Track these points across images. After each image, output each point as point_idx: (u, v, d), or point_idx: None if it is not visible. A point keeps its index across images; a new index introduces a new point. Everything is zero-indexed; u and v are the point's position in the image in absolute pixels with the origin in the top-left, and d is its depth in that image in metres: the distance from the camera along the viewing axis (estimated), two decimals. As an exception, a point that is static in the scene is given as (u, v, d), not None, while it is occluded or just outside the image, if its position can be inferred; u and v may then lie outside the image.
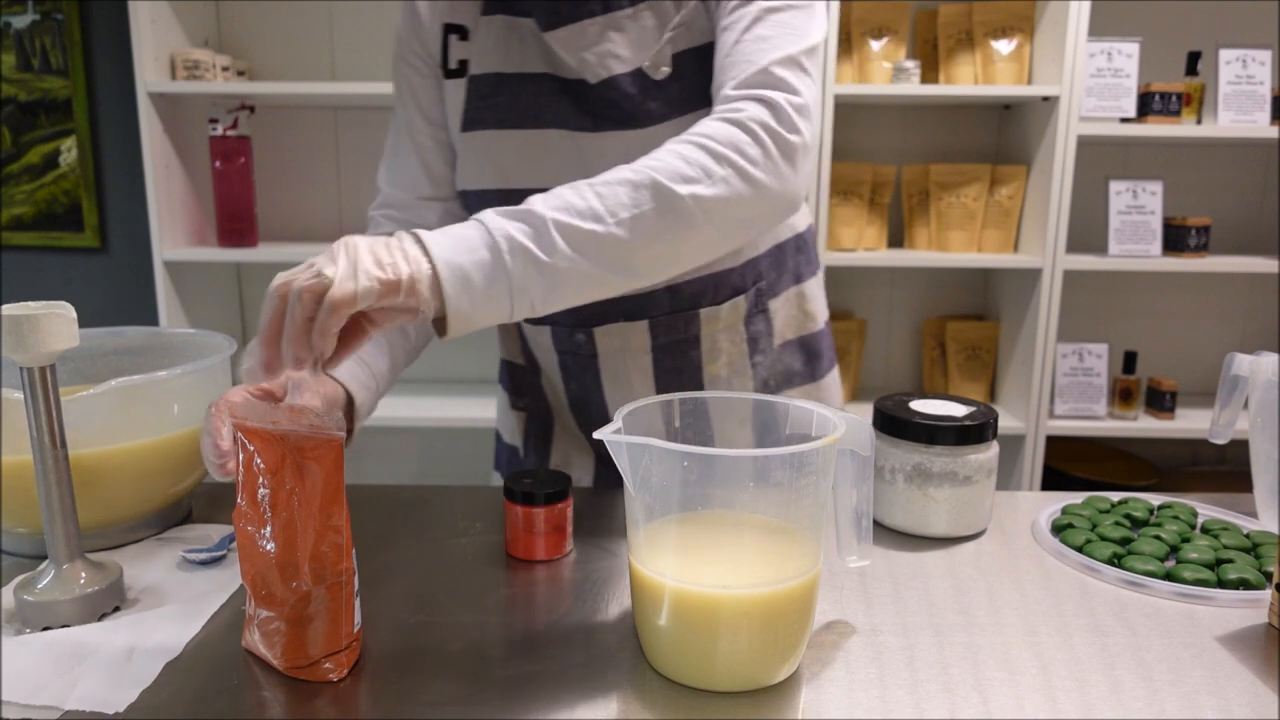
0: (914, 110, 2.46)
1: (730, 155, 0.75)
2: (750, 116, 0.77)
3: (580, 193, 0.70)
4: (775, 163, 0.77)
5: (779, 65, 0.79)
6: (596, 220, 0.69)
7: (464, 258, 0.65)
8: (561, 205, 0.69)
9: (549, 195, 0.70)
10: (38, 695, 0.61)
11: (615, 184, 0.71)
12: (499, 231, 0.67)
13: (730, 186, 0.75)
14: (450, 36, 0.94)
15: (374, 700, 0.62)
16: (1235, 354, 0.92)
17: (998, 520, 0.93)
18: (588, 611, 0.74)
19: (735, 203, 0.75)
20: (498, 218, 0.68)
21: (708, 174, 0.74)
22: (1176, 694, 0.63)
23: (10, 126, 2.45)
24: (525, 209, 0.69)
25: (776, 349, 1.02)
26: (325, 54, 2.42)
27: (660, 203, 0.72)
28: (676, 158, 0.74)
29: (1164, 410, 2.32)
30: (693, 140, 0.75)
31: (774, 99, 0.78)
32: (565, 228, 0.68)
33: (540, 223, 0.67)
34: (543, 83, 0.90)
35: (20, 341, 0.66)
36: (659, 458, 0.61)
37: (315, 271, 0.62)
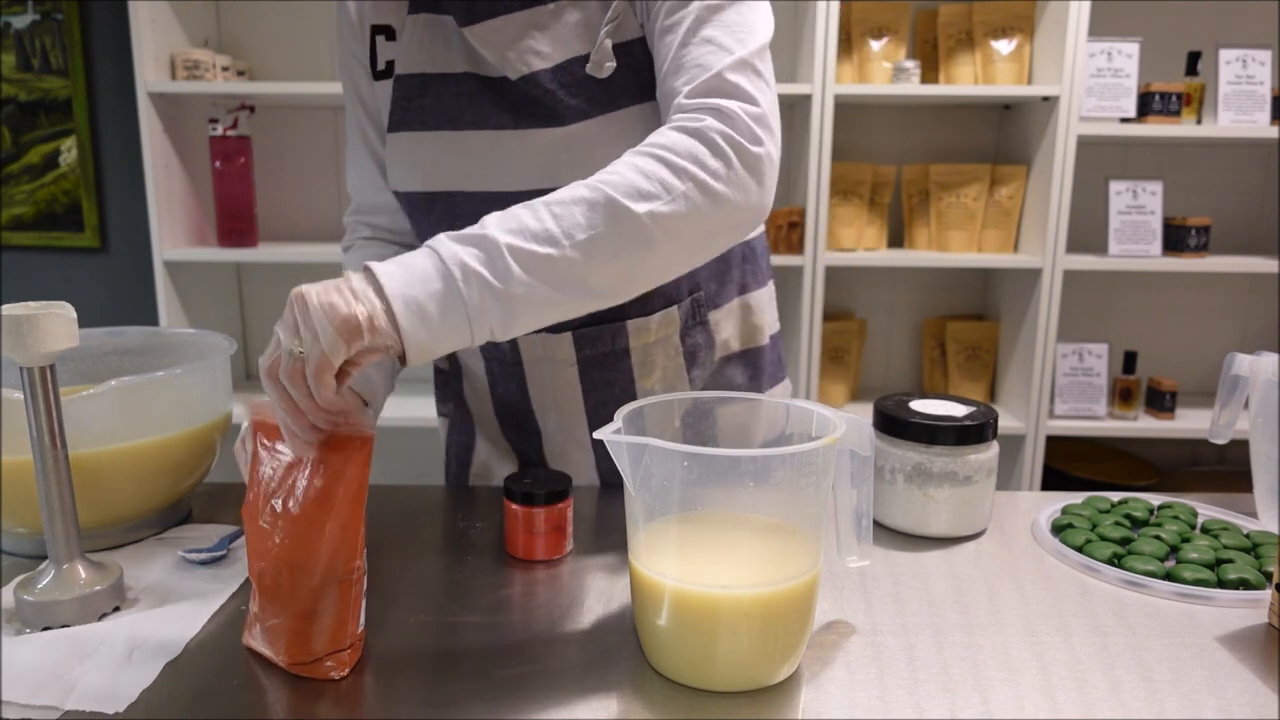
0: (914, 110, 2.46)
1: (690, 168, 0.72)
2: (709, 127, 0.74)
3: (536, 213, 0.69)
4: (738, 174, 0.74)
5: (732, 71, 0.76)
6: (551, 243, 0.68)
7: (418, 289, 0.64)
8: (516, 228, 0.67)
9: (504, 215, 0.69)
10: (38, 695, 0.61)
11: (571, 203, 0.69)
12: (452, 259, 0.65)
13: (690, 202, 0.72)
14: (377, 38, 0.94)
15: (374, 700, 0.62)
16: (1235, 354, 0.92)
17: (998, 520, 0.93)
18: (588, 611, 0.74)
19: (695, 218, 0.73)
20: (451, 244, 0.66)
21: (666, 189, 0.71)
22: (1176, 694, 0.63)
23: (10, 126, 2.45)
24: (479, 233, 0.67)
25: (718, 362, 0.99)
26: (325, 54, 2.42)
27: (616, 222, 0.69)
28: (634, 172, 0.71)
29: (1164, 410, 2.32)
30: (650, 153, 0.73)
31: (730, 109, 0.75)
32: (519, 252, 0.66)
33: (494, 248, 0.66)
34: (464, 82, 0.88)
35: (20, 341, 0.66)
36: (659, 458, 0.61)
37: (286, 352, 0.63)
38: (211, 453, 0.92)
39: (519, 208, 0.70)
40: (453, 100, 0.89)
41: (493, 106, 0.87)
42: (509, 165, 0.88)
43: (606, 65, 0.83)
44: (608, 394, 0.96)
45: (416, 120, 0.91)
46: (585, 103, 0.85)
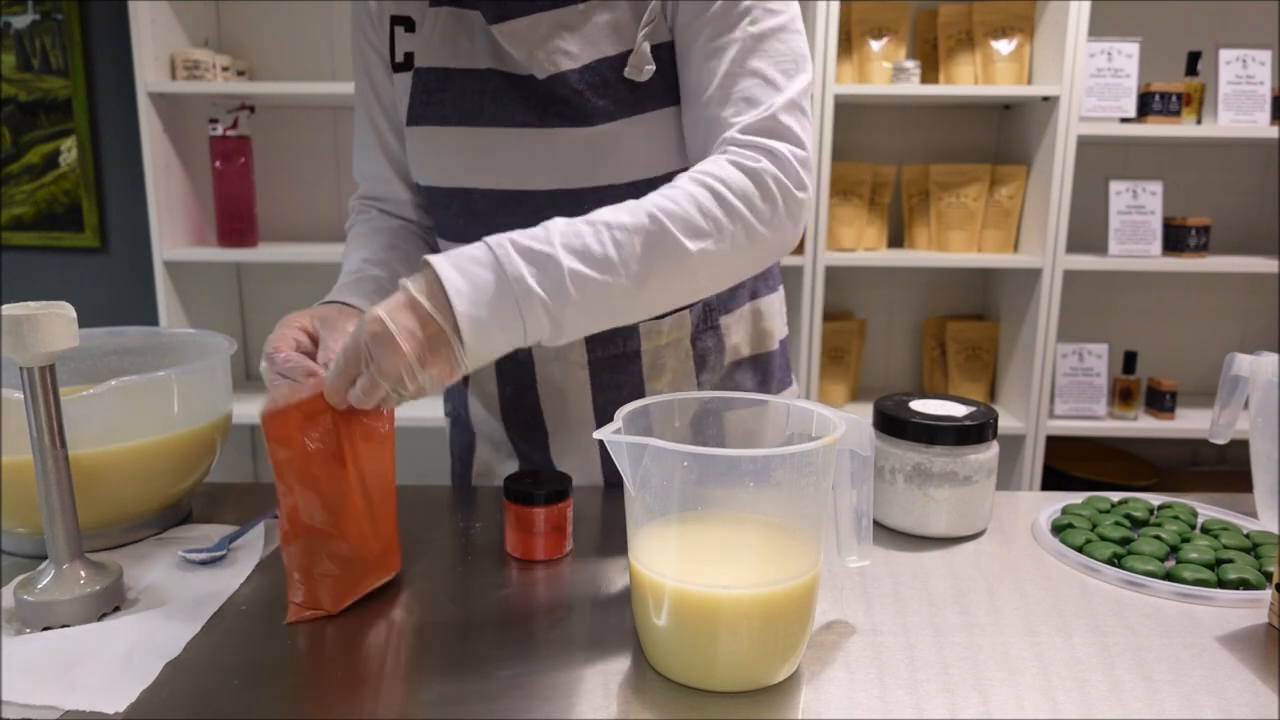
0: (914, 110, 2.46)
1: (742, 210, 0.76)
2: (764, 170, 0.78)
3: (599, 236, 0.71)
4: (781, 219, 0.79)
5: (784, 112, 0.80)
6: (610, 271, 0.71)
7: (483, 310, 0.67)
8: (579, 248, 0.70)
9: (570, 231, 0.71)
10: (38, 695, 0.61)
11: (632, 231, 0.72)
12: (515, 276, 0.68)
13: (735, 242, 0.77)
14: (396, 29, 0.94)
15: (374, 700, 0.62)
16: (1235, 354, 0.92)
17: (998, 520, 0.93)
18: (588, 611, 0.74)
19: (736, 256, 0.78)
20: (516, 257, 0.68)
21: (718, 229, 0.75)
22: (1176, 694, 0.63)
23: (10, 126, 2.45)
24: (545, 251, 0.69)
25: (727, 367, 1.00)
26: (325, 54, 2.42)
27: (670, 258, 0.73)
28: (693, 206, 0.75)
29: (1164, 410, 2.32)
30: (710, 186, 0.76)
31: (782, 153, 0.79)
32: (579, 276, 0.70)
33: (557, 270, 0.69)
34: (488, 79, 0.88)
35: (20, 341, 0.66)
36: (659, 458, 0.61)
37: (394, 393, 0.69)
38: (211, 453, 0.92)
39: (585, 224, 0.72)
40: (475, 96, 0.88)
41: (517, 104, 0.87)
42: (531, 164, 0.88)
43: (646, 69, 0.83)
44: (616, 395, 0.96)
45: (436, 115, 0.90)
46: (612, 104, 0.85)
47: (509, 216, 0.91)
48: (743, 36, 0.81)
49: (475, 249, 0.69)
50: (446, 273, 0.67)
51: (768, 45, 0.82)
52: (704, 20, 0.83)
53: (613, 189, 0.88)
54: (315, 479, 0.72)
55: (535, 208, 0.90)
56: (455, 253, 0.69)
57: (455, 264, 0.68)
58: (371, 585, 0.76)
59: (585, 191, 0.88)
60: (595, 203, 0.87)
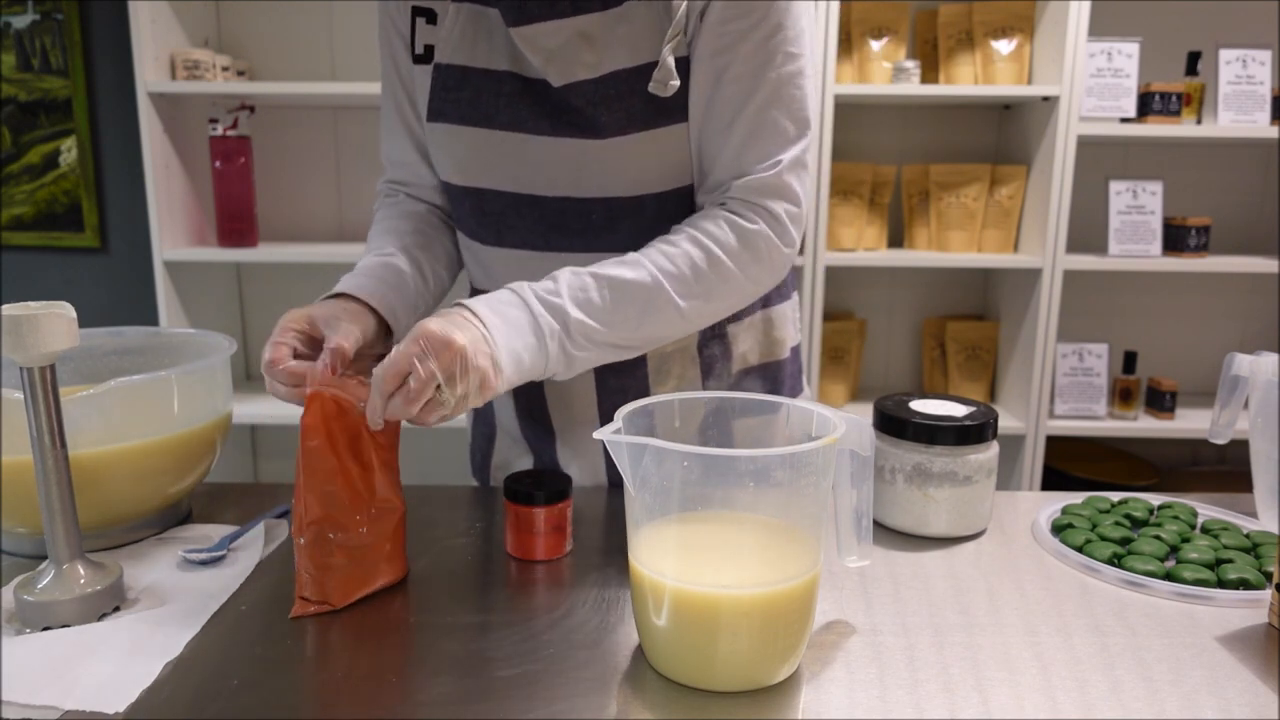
0: (914, 110, 2.46)
1: (735, 273, 0.85)
2: (759, 234, 0.86)
3: (601, 291, 0.81)
4: (767, 275, 0.89)
5: (789, 171, 0.87)
6: (609, 325, 0.81)
7: (518, 343, 0.77)
8: (584, 300, 0.80)
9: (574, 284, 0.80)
10: (38, 695, 0.61)
11: (631, 288, 0.82)
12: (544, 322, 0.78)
13: (725, 302, 0.87)
14: (418, 20, 0.93)
15: (374, 700, 0.62)
16: (1235, 354, 0.92)
17: (998, 520, 0.93)
18: (588, 611, 0.74)
19: (722, 308, 0.88)
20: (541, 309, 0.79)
21: (708, 290, 0.85)
22: (1176, 694, 0.63)
23: (10, 126, 2.45)
24: (559, 304, 0.79)
25: (735, 375, 1.00)
26: (325, 54, 2.42)
27: (664, 313, 0.83)
28: (689, 268, 0.83)
29: (1164, 410, 2.32)
30: (706, 249, 0.84)
31: (779, 214, 0.86)
32: (585, 326, 0.80)
33: (567, 320, 0.79)
34: (505, 81, 0.88)
35: (20, 341, 0.66)
36: (659, 457, 0.61)
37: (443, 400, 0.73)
38: (211, 453, 0.92)
39: (590, 276, 0.81)
40: (491, 99, 0.89)
41: (530, 110, 0.87)
42: (541, 170, 0.89)
43: (671, 84, 0.84)
44: (621, 400, 0.96)
45: (454, 113, 0.91)
46: (624, 117, 0.85)
47: (520, 219, 0.92)
48: (770, 79, 0.85)
49: (502, 292, 0.80)
50: (480, 308, 0.76)
51: (788, 93, 0.86)
52: (733, 52, 0.84)
53: (620, 200, 0.89)
54: (338, 471, 0.73)
55: (544, 212, 0.90)
56: (487, 297, 0.78)
57: (487, 304, 0.77)
58: (378, 585, 0.76)
59: (593, 201, 0.89)
60: (603, 212, 0.88)
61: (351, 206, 2.51)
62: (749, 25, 0.83)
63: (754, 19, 0.83)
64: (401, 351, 0.71)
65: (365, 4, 2.38)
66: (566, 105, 0.86)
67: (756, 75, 0.84)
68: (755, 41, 0.84)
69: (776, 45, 0.84)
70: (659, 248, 0.84)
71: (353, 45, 2.41)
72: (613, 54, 0.85)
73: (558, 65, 0.85)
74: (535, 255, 0.93)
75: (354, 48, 2.41)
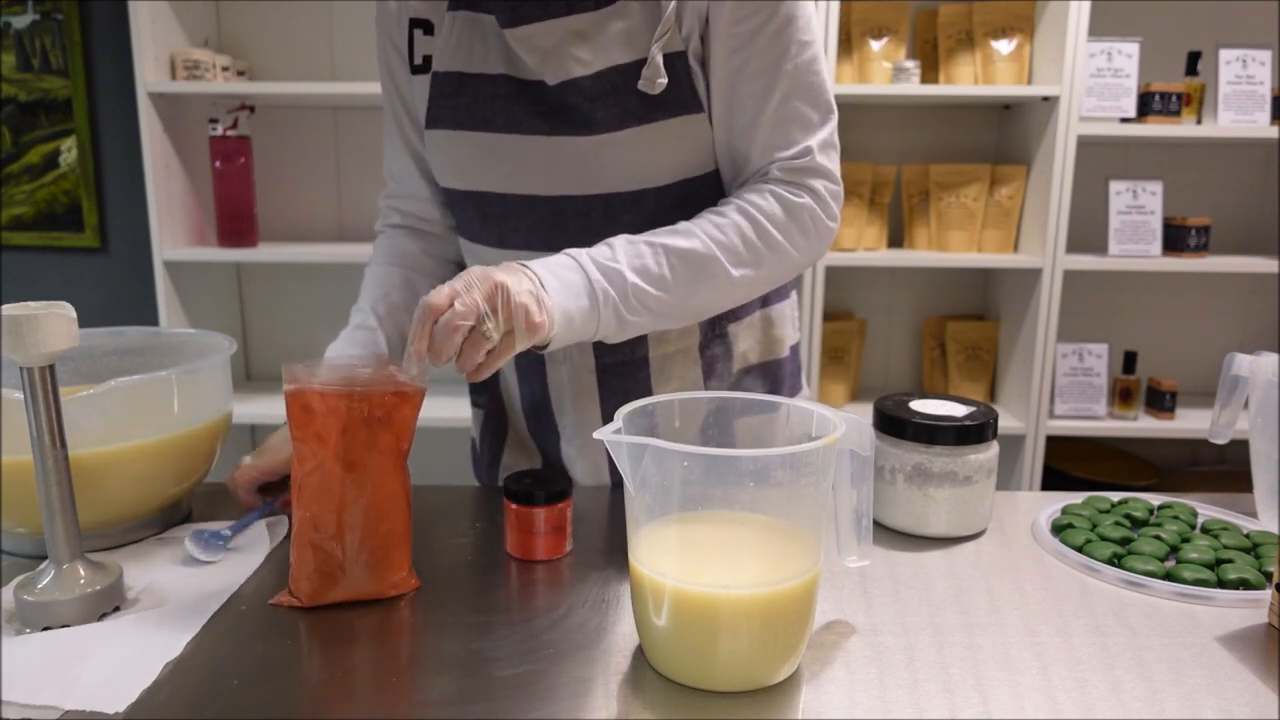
0: (914, 110, 2.45)
1: (783, 244, 0.87)
2: (804, 206, 0.88)
3: (658, 258, 0.82)
4: (814, 247, 0.91)
5: (821, 153, 0.89)
6: (664, 289, 0.83)
7: (571, 304, 0.78)
8: (640, 267, 0.82)
9: (633, 250, 0.82)
10: (38, 695, 0.61)
11: (686, 255, 0.83)
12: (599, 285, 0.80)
13: (772, 270, 0.88)
14: (415, 31, 0.94)
15: (374, 700, 0.62)
16: (1235, 354, 0.92)
17: (998, 520, 0.93)
18: (588, 611, 0.74)
19: (771, 279, 0.90)
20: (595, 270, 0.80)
21: (758, 259, 0.86)
22: (1176, 694, 0.63)
23: (10, 126, 2.45)
24: (615, 267, 0.81)
25: (735, 374, 1.00)
26: (325, 54, 2.42)
27: (715, 281, 0.85)
28: (738, 237, 0.85)
29: (1164, 410, 2.32)
30: (754, 219, 0.86)
31: (821, 191, 0.89)
32: (640, 291, 0.81)
33: (624, 284, 0.81)
34: (500, 84, 0.89)
35: (20, 341, 0.66)
36: (659, 457, 0.61)
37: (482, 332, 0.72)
38: (211, 453, 0.92)
39: (646, 245, 0.83)
40: (488, 102, 0.89)
41: (526, 111, 0.88)
42: (539, 170, 0.89)
43: (659, 81, 0.85)
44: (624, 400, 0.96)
45: (451, 119, 0.91)
46: (620, 113, 0.85)
47: (521, 220, 0.92)
48: (787, 71, 0.86)
49: (561, 256, 0.80)
50: (538, 269, 0.77)
51: (806, 80, 0.88)
52: (748, 50, 0.85)
53: (619, 196, 0.89)
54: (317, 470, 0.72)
55: (546, 213, 0.91)
56: (543, 259, 0.79)
57: (546, 265, 0.78)
58: (359, 597, 0.75)
59: (593, 198, 0.89)
60: (603, 209, 0.88)
61: (351, 206, 2.51)
62: (760, 22, 0.84)
63: (764, 15, 0.84)
64: (443, 286, 0.72)
65: (365, 4, 2.38)
66: (562, 104, 0.86)
67: (774, 69, 0.86)
68: (768, 36, 0.85)
69: (790, 36, 0.86)
70: (709, 218, 0.86)
71: (353, 45, 2.41)
72: (607, 51, 0.85)
73: (553, 64, 0.86)
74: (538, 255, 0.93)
75: (354, 48, 2.41)
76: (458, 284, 0.72)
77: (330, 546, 0.73)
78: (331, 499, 0.73)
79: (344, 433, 0.72)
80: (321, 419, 0.72)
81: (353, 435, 0.73)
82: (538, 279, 0.77)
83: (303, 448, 0.73)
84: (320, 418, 0.72)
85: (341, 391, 0.72)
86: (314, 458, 0.72)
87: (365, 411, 0.73)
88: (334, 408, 0.72)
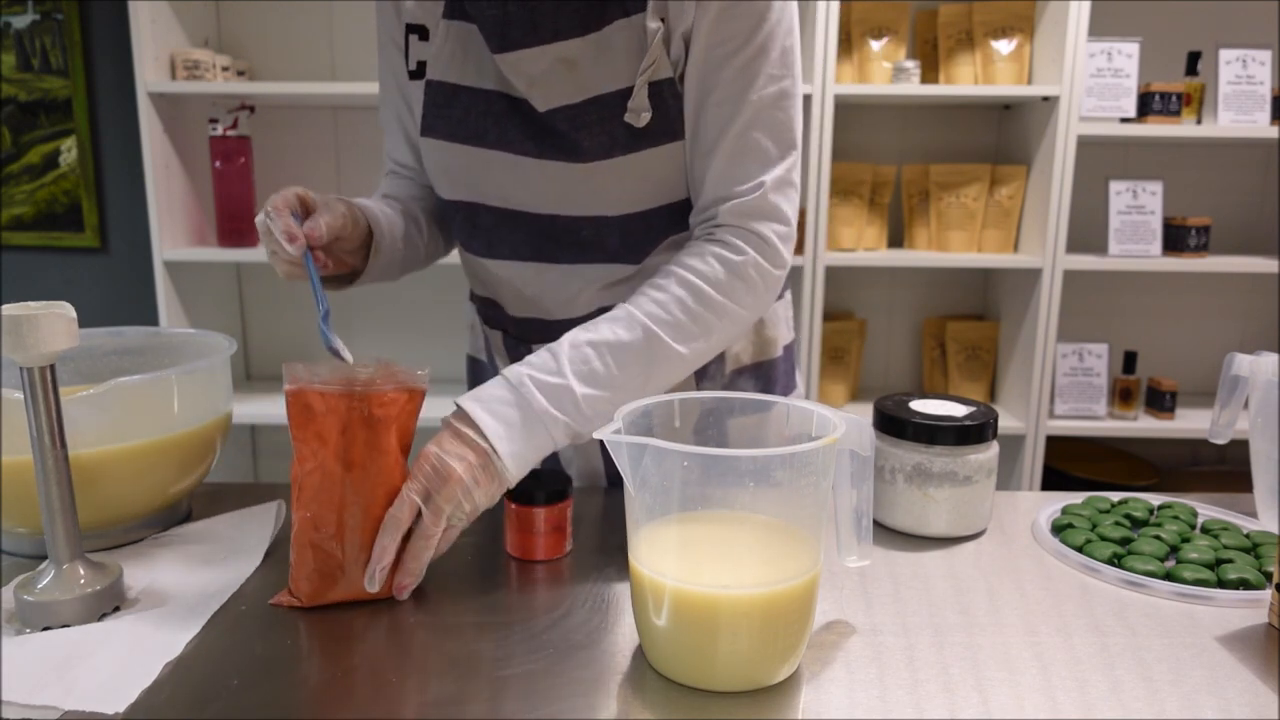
0: (914, 110, 2.46)
1: (729, 307, 0.86)
2: (747, 263, 0.86)
3: (602, 358, 0.81)
4: (761, 299, 0.89)
5: (775, 191, 0.87)
6: (613, 388, 0.82)
7: (520, 445, 0.78)
8: (587, 373, 0.81)
9: (576, 355, 0.81)
10: (38, 695, 0.61)
11: (629, 349, 0.82)
12: (545, 415, 0.79)
13: (722, 336, 0.87)
14: (411, 36, 0.94)
15: (374, 700, 0.62)
16: (1235, 354, 0.92)
17: (998, 520, 0.93)
18: (588, 611, 0.74)
19: (723, 342, 0.88)
20: (541, 398, 0.79)
21: (705, 329, 0.85)
22: (1176, 694, 0.63)
23: (10, 126, 2.45)
24: (562, 384, 0.79)
25: (728, 376, 1.00)
26: (325, 54, 2.42)
27: (666, 363, 0.84)
28: (681, 311, 0.84)
29: (1164, 410, 2.32)
30: (695, 288, 0.84)
31: (768, 236, 0.87)
32: (590, 398, 0.81)
33: (572, 399, 0.80)
34: (494, 101, 0.89)
35: (20, 341, 0.66)
36: (659, 458, 0.61)
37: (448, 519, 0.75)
38: (211, 453, 0.92)
39: (590, 349, 0.81)
40: (480, 117, 0.90)
41: (518, 130, 0.88)
42: (528, 189, 0.90)
43: (643, 115, 0.84)
44: None
45: (445, 130, 0.91)
46: (607, 142, 0.85)
47: (511, 233, 0.93)
48: (751, 102, 0.85)
49: (500, 389, 0.79)
50: (481, 416, 0.77)
51: (770, 115, 0.86)
52: (717, 76, 0.85)
53: (607, 219, 0.90)
54: (317, 470, 0.72)
55: (534, 228, 0.92)
56: (482, 395, 0.79)
57: (487, 408, 0.78)
58: (359, 597, 0.75)
59: (581, 219, 0.90)
60: (591, 229, 0.89)
61: (351, 206, 2.51)
62: (732, 49, 0.84)
63: (737, 43, 0.84)
64: (406, 494, 0.74)
65: (365, 4, 2.38)
66: (551, 129, 0.87)
67: (738, 99, 0.85)
68: (738, 66, 0.84)
69: (758, 68, 0.84)
70: (650, 295, 0.85)
71: (353, 45, 2.41)
72: (594, 79, 0.85)
73: (541, 90, 0.86)
74: (527, 265, 0.95)
75: (354, 48, 2.41)
76: (415, 486, 0.74)
77: (330, 546, 0.73)
78: (332, 499, 0.73)
79: (344, 432, 0.73)
80: (321, 418, 0.72)
81: (353, 435, 0.73)
82: (486, 440, 0.76)
83: (303, 448, 0.73)
84: (320, 417, 0.72)
85: (341, 391, 0.73)
86: (314, 458, 0.72)
87: (365, 411, 0.73)
88: (334, 407, 0.72)
